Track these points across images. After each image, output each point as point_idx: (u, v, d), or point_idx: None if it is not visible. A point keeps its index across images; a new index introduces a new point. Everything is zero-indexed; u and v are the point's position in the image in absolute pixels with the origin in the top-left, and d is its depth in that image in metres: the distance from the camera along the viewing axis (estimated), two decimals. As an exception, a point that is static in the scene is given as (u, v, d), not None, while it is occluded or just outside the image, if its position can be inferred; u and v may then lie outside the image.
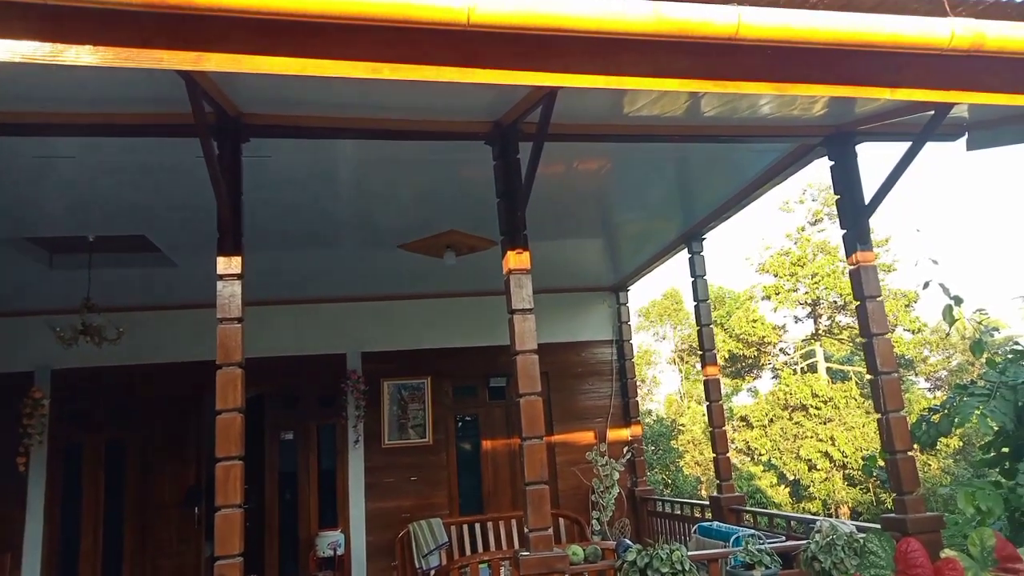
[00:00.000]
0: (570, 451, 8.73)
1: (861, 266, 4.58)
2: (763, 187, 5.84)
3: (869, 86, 3.16)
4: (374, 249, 6.89)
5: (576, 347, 9.24)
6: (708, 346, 7.09)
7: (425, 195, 5.62)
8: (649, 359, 35.84)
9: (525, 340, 3.97)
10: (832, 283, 23.45)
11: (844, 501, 20.41)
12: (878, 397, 4.36)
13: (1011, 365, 4.33)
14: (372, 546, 7.96)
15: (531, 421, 3.87)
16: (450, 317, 8.83)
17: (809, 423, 21.60)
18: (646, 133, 4.59)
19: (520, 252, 4.09)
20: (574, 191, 5.93)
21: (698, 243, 7.13)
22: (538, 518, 3.76)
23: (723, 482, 6.76)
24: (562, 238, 7.15)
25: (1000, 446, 4.42)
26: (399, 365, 8.58)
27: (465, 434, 9.06)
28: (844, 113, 4.55)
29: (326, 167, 4.91)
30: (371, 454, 8.27)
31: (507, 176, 4.20)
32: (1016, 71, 3.16)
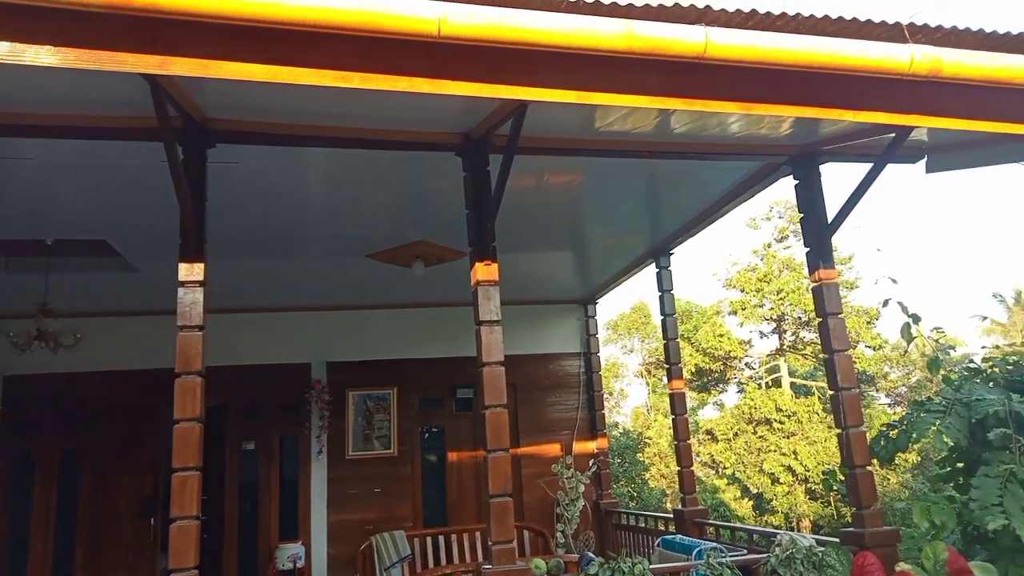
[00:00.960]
0: (536, 463, 8.71)
1: (823, 283, 4.67)
2: (730, 204, 5.93)
3: (833, 108, 3.22)
4: (342, 258, 6.84)
5: (544, 359, 9.25)
6: (674, 360, 7.15)
7: (395, 205, 5.60)
8: (617, 372, 36.03)
9: (492, 352, 3.97)
10: (797, 299, 23.82)
11: (806, 514, 20.67)
12: (839, 412, 4.43)
13: (966, 383, 4.43)
14: (333, 559, 7.84)
15: (497, 433, 3.86)
16: (418, 327, 8.78)
17: (773, 437, 21.87)
18: (616, 148, 4.63)
19: (489, 264, 4.08)
20: (544, 204, 5.96)
21: (666, 258, 7.21)
22: (501, 531, 3.74)
23: (687, 495, 6.81)
24: (531, 250, 7.17)
25: (955, 461, 4.52)
26: (365, 375, 8.50)
27: (431, 445, 9.00)
28: (809, 133, 4.64)
29: (294, 175, 4.86)
30: (335, 465, 8.17)
31: (477, 188, 4.20)
32: (972, 98, 3.25)
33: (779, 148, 4.87)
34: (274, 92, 3.37)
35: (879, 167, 4.46)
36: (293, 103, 3.69)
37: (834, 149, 4.79)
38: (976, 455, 4.16)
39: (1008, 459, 3.80)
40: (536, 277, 8.26)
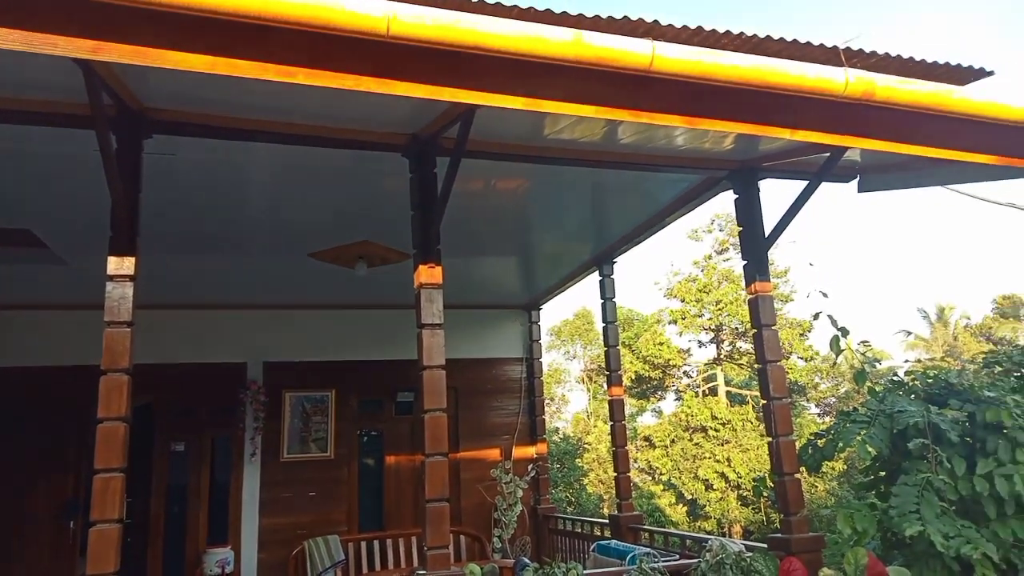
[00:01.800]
0: (475, 468, 8.69)
1: (759, 295, 4.80)
2: (673, 215, 6.05)
3: (772, 125, 3.32)
4: (283, 256, 6.70)
5: (486, 364, 9.25)
6: (614, 367, 7.24)
7: (339, 204, 5.51)
8: (559, 377, 36.28)
9: (433, 355, 3.94)
10: (735, 310, 24.46)
11: (737, 520, 21.20)
12: (770, 421, 4.56)
13: (890, 394, 4.62)
14: (264, 564, 7.65)
15: (435, 438, 3.83)
16: (359, 329, 8.66)
17: (708, 444, 22.36)
18: (564, 156, 4.67)
19: (432, 266, 4.06)
20: (491, 208, 5.96)
21: (609, 266, 7.30)
22: (437, 536, 3.71)
23: (623, 501, 6.90)
24: (477, 255, 7.16)
25: (877, 470, 4.70)
26: (303, 376, 8.34)
27: (369, 449, 8.88)
28: (749, 149, 4.77)
29: (235, 169, 4.74)
30: (268, 468, 7.97)
31: (423, 190, 4.17)
32: (902, 122, 3.40)
33: (721, 163, 5.00)
34: (215, 84, 3.29)
35: (814, 185, 4.62)
36: (235, 96, 3.59)
37: (773, 166, 4.94)
38: (897, 464, 4.34)
39: (926, 468, 3.98)
40: (481, 281, 8.25)
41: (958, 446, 4.03)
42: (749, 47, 3.13)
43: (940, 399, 4.46)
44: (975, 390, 4.26)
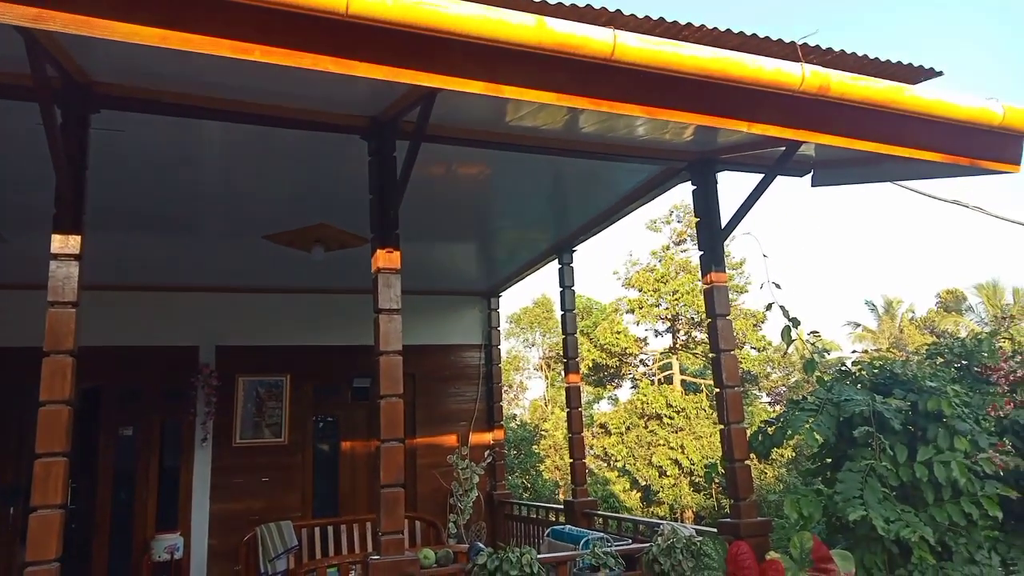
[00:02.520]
0: (432, 454, 8.68)
1: (715, 286, 4.88)
2: (631, 205, 6.10)
3: (730, 118, 3.36)
4: (237, 238, 6.56)
5: (444, 350, 9.22)
6: (572, 354, 7.30)
7: (296, 186, 5.41)
8: (518, 365, 36.42)
9: (390, 341, 3.91)
10: (691, 300, 24.85)
11: (689, 506, 21.64)
12: (722, 409, 4.66)
13: (837, 384, 4.75)
14: (215, 550, 7.53)
15: (391, 423, 3.81)
16: (315, 314, 8.54)
17: (662, 431, 22.75)
18: (525, 144, 4.66)
19: (390, 251, 4.02)
20: (451, 194, 5.93)
21: (568, 255, 7.33)
22: (391, 521, 3.70)
23: (578, 487, 6.98)
24: (436, 240, 7.12)
25: (824, 457, 4.84)
26: (257, 361, 8.20)
27: (325, 435, 8.81)
28: (708, 141, 4.83)
29: (188, 148, 4.61)
30: (220, 453, 7.84)
31: (382, 173, 4.12)
32: (855, 118, 3.47)
33: (680, 154, 5.05)
34: (168, 58, 3.19)
35: (770, 178, 4.70)
36: (188, 72, 3.49)
37: (730, 158, 5.01)
38: (843, 451, 4.47)
39: (869, 455, 4.11)
40: (440, 268, 8.22)
41: (901, 434, 4.17)
42: (709, 40, 3.16)
43: (885, 389, 4.60)
44: (918, 380, 4.41)
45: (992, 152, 3.74)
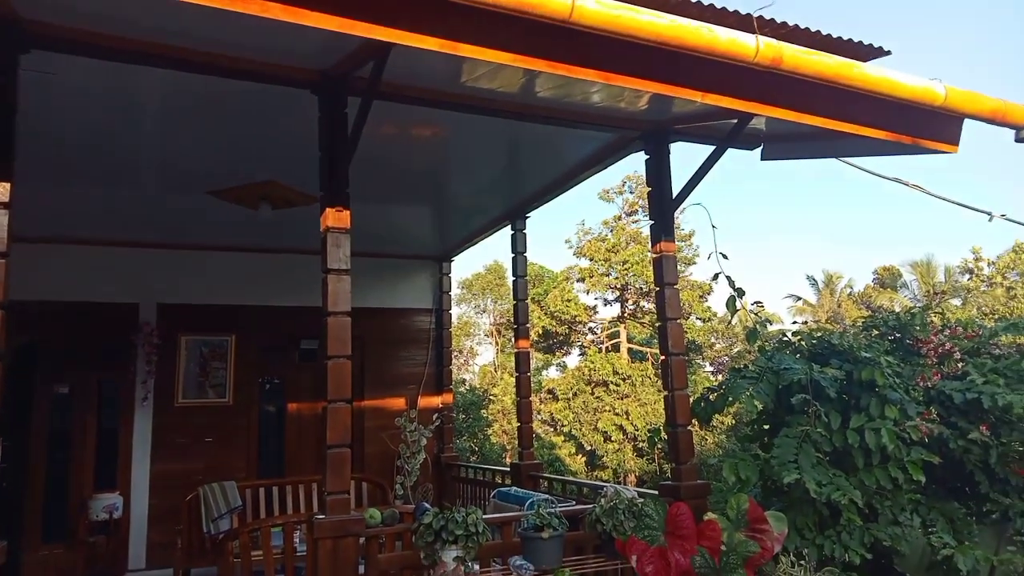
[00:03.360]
0: (380, 416, 8.68)
1: (663, 255, 4.94)
2: (585, 173, 6.11)
3: (684, 87, 3.37)
4: (180, 193, 6.35)
5: (394, 313, 9.17)
6: (522, 320, 7.34)
7: (242, 141, 5.25)
8: (468, 331, 36.49)
9: (338, 301, 3.86)
10: (640, 271, 25.20)
11: (632, 470, 22.23)
12: (667, 375, 4.76)
13: (777, 353, 4.90)
14: (156, 510, 7.43)
15: (338, 384, 3.78)
16: (262, 273, 8.37)
17: (608, 398, 23.20)
18: (481, 106, 4.60)
19: (340, 210, 3.95)
20: (405, 156, 5.83)
21: (522, 221, 7.32)
22: (337, 481, 3.70)
23: (524, 450, 7.08)
24: (389, 203, 7.02)
25: (763, 424, 5.01)
26: (200, 320, 8.02)
27: (271, 397, 8.70)
28: (662, 111, 4.85)
29: (127, 96, 4.41)
30: (162, 413, 7.68)
31: (332, 130, 4.02)
32: (806, 92, 3.52)
33: (634, 123, 5.06)
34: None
35: (721, 150, 4.76)
36: (127, 13, 3.32)
37: (683, 129, 5.05)
38: (780, 418, 4.63)
39: (805, 422, 4.27)
40: (391, 230, 8.11)
41: (836, 402, 4.34)
42: (667, 7, 3.14)
43: (822, 358, 4.76)
44: (854, 351, 4.58)
45: (933, 132, 3.85)
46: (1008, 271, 25.30)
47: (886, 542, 3.98)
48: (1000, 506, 4.26)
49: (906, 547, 4.03)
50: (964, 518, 4.26)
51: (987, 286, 25.45)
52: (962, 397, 4.30)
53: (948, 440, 4.29)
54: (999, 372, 4.56)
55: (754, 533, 3.67)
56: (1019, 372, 4.59)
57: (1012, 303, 22.48)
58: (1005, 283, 24.70)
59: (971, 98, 3.43)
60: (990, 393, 4.20)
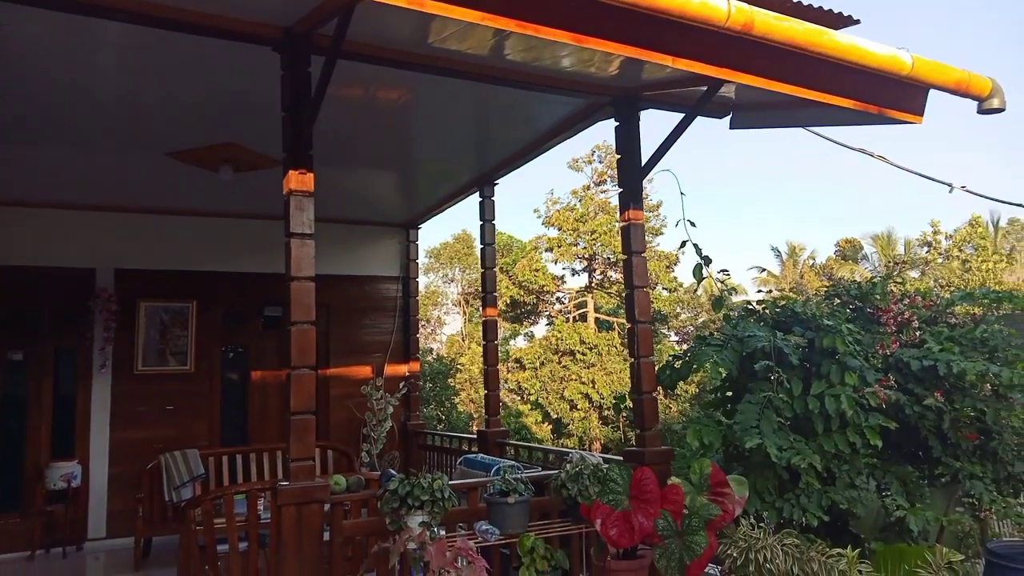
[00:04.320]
0: (346, 384, 8.62)
1: (631, 223, 4.94)
2: (554, 139, 6.05)
3: (655, 51, 3.33)
4: (138, 153, 6.14)
5: (361, 281, 9.07)
6: (490, 289, 7.31)
7: (203, 100, 5.07)
8: (436, 300, 36.41)
9: (302, 266, 3.79)
10: (608, 241, 25.30)
11: (598, 438, 22.56)
12: (633, 343, 4.79)
13: (742, 321, 4.96)
14: (116, 478, 7.31)
15: (301, 350, 3.73)
16: (223, 238, 8.19)
17: (575, 367, 23.42)
18: (449, 67, 4.49)
19: (304, 173, 3.85)
20: (371, 120, 5.71)
21: (490, 188, 7.25)
22: (301, 448, 3.66)
23: (491, 417, 7.10)
24: (355, 168, 6.90)
25: (726, 390, 5.08)
26: (160, 286, 7.84)
27: (235, 364, 8.59)
28: (632, 76, 4.80)
29: (83, 51, 4.22)
30: (121, 380, 7.53)
31: (295, 89, 3.90)
32: (776, 59, 3.51)
33: (605, 88, 5.00)
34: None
35: (690, 117, 4.74)
36: (77, -39, 3.16)
37: (653, 96, 5.01)
38: (744, 385, 4.70)
39: (768, 388, 4.34)
40: (358, 196, 7.99)
41: (797, 369, 4.41)
42: (640, -32, 3.09)
43: (786, 326, 4.83)
44: (816, 319, 4.65)
45: (899, 102, 3.88)
46: (964, 244, 25.98)
47: (843, 505, 4.09)
48: (951, 469, 4.40)
49: (861, 509, 4.15)
50: (917, 481, 4.40)
51: (944, 259, 26.11)
52: (919, 364, 4.41)
53: (904, 406, 4.41)
54: (955, 340, 4.68)
55: (716, 497, 3.73)
56: (973, 340, 4.71)
57: (967, 275, 23.11)
58: (961, 256, 25.35)
59: (937, 68, 3.46)
60: (945, 360, 4.31)
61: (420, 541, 3.29)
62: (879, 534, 4.27)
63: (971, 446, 4.48)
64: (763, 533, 3.72)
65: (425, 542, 3.28)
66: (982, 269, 23.44)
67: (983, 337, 4.73)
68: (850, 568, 3.32)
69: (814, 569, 3.46)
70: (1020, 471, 4.48)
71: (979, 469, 4.37)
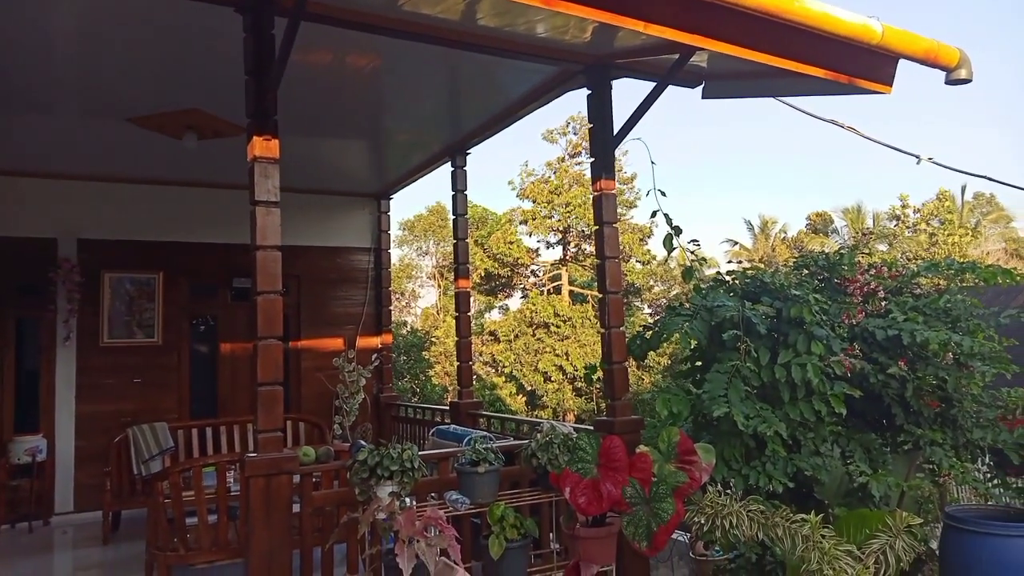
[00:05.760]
0: (318, 356, 8.56)
1: (604, 193, 4.92)
2: (526, 108, 5.97)
3: (628, 16, 3.28)
4: (99, 119, 5.97)
5: (332, 252, 8.97)
6: (462, 260, 7.27)
7: (164, 64, 4.92)
8: (410, 273, 36.23)
9: (268, 235, 3.73)
10: (582, 213, 25.30)
11: (571, 409, 22.78)
12: (604, 313, 4.80)
13: (712, 292, 4.97)
14: (83, 452, 7.22)
15: (268, 320, 3.69)
16: (191, 208, 8.03)
17: (549, 339, 23.53)
18: (420, 32, 4.40)
19: (268, 139, 3.76)
20: (341, 87, 5.61)
21: (462, 157, 7.17)
22: (269, 419, 3.63)
23: (464, 389, 7.11)
24: (325, 136, 6.77)
25: (696, 360, 5.11)
26: (125, 256, 7.68)
27: (204, 336, 8.47)
28: (605, 44, 4.74)
29: (36, 12, 4.05)
30: (86, 353, 7.40)
31: (258, 52, 3.79)
32: (748, 27, 3.47)
33: (577, 56, 4.94)
34: None
35: (662, 86, 4.70)
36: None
37: (626, 63, 4.96)
38: (713, 354, 4.73)
39: (736, 358, 4.36)
40: (329, 166, 7.86)
41: (765, 338, 4.44)
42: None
43: (755, 296, 4.85)
44: (784, 289, 4.68)
45: (869, 71, 3.89)
46: (932, 218, 26.41)
47: (807, 471, 4.15)
48: (912, 436, 4.48)
49: (825, 476, 4.22)
50: (880, 448, 4.48)
51: (912, 232, 26.55)
52: (884, 334, 4.47)
53: (869, 375, 4.47)
54: (919, 310, 4.75)
55: (684, 464, 3.78)
56: (937, 311, 4.78)
57: (934, 248, 23.54)
58: (928, 229, 25.79)
59: (906, 37, 3.46)
60: (909, 330, 4.37)
61: (389, 511, 3.29)
62: (842, 499, 4.35)
63: (932, 413, 4.57)
64: (729, 500, 3.77)
65: (394, 512, 3.27)
66: (948, 242, 23.89)
67: (946, 307, 4.80)
68: (813, 532, 3.38)
69: (778, 534, 3.51)
70: (978, 438, 4.58)
71: (939, 436, 4.46)
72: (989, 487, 4.63)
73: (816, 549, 3.28)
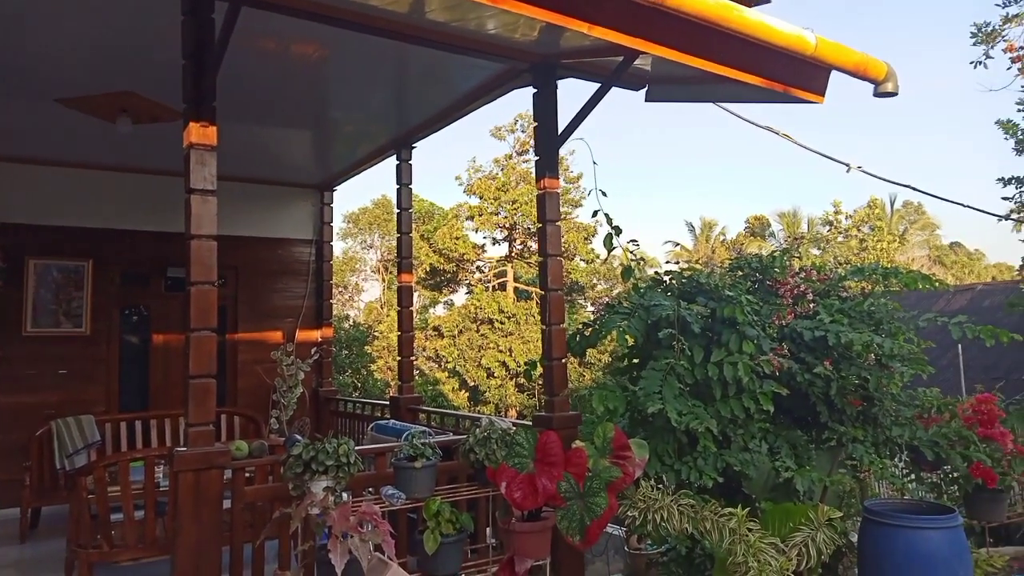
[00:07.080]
0: (255, 350, 8.37)
1: (547, 192, 4.96)
2: (472, 104, 5.98)
3: (574, 17, 3.32)
4: (23, 100, 5.71)
5: (272, 243, 8.80)
6: (406, 254, 7.23)
7: (97, 43, 4.74)
8: (355, 266, 35.76)
9: (203, 224, 3.64)
10: (528, 211, 25.43)
11: (514, 404, 22.88)
12: (545, 310, 4.86)
13: (649, 291, 5.08)
14: (1, 445, 6.89)
15: (202, 312, 3.61)
16: (122, 195, 7.75)
17: (493, 335, 23.59)
18: (367, 23, 4.35)
19: (206, 125, 3.67)
20: (285, 75, 5.49)
21: (407, 151, 7.12)
22: (200, 413, 3.56)
23: (404, 383, 7.07)
24: (268, 125, 6.64)
25: (633, 357, 5.21)
26: (51, 242, 7.37)
27: (136, 326, 8.20)
28: (552, 43, 4.79)
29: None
30: (7, 342, 7.08)
31: (197, 35, 3.69)
32: (689, 33, 3.56)
33: (525, 54, 4.97)
34: None
35: (606, 88, 4.78)
36: None
37: (571, 64, 5.02)
38: (649, 352, 4.83)
39: (671, 356, 4.47)
40: (270, 155, 7.70)
41: (699, 337, 4.56)
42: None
43: (690, 296, 4.97)
44: (718, 289, 4.81)
45: (803, 81, 4.02)
46: (862, 224, 27.49)
47: (736, 467, 4.29)
48: (836, 433, 4.68)
49: (753, 471, 4.37)
50: (805, 445, 4.65)
51: (844, 237, 27.57)
52: (811, 335, 4.64)
53: (796, 374, 4.63)
54: (844, 312, 4.95)
55: (618, 460, 3.85)
56: (861, 313, 4.99)
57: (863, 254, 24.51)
58: (859, 235, 26.83)
59: (838, 49, 3.60)
60: (835, 331, 4.55)
61: (323, 506, 3.25)
62: (769, 494, 4.51)
63: (855, 412, 4.77)
64: (661, 494, 3.86)
65: (328, 507, 3.24)
66: (877, 248, 24.90)
67: (870, 310, 5.02)
68: (739, 526, 3.50)
69: (707, 528, 3.62)
70: (897, 435, 4.80)
71: (861, 433, 4.66)
72: (905, 482, 4.86)
73: (742, 542, 3.40)
